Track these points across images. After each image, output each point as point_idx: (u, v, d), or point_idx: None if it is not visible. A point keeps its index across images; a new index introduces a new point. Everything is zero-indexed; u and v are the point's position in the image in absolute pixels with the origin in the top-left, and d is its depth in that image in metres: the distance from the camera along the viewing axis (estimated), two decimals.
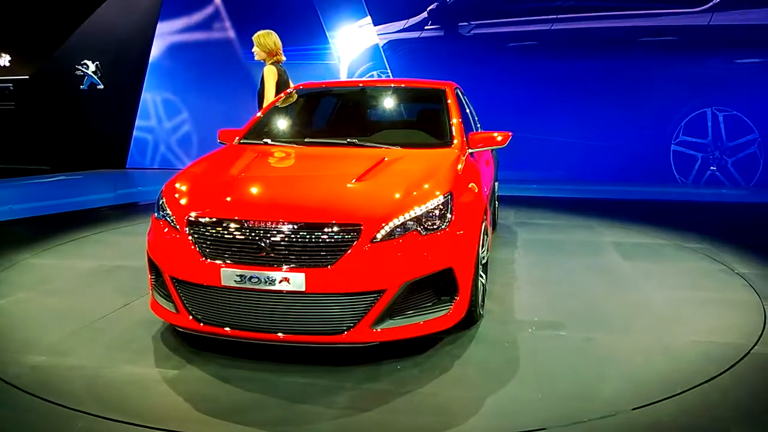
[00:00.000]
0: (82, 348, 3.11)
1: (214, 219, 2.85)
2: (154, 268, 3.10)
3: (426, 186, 3.03)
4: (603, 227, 6.08)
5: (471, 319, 3.21)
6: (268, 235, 2.75)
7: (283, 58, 5.19)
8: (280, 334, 2.77)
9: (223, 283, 2.77)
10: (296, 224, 2.74)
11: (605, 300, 3.87)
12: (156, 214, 3.17)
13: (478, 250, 3.16)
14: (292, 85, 5.21)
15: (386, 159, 3.36)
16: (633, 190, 8.67)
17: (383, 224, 2.77)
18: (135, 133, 11.37)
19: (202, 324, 2.88)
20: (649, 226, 6.08)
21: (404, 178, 3.17)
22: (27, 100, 11.50)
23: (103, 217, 6.83)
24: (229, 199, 3.01)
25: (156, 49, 11.15)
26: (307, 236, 2.73)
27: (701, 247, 5.20)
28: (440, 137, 3.81)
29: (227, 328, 2.83)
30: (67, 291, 4.04)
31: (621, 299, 3.88)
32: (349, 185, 3.05)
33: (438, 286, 2.90)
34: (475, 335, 3.24)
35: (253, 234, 2.77)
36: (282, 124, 4.24)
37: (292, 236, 2.73)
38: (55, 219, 6.63)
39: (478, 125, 5.16)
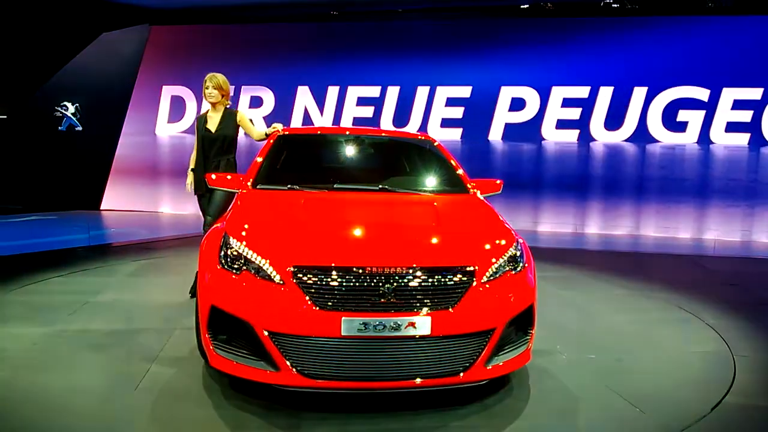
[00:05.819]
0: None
1: (331, 267, 2.74)
2: (233, 325, 2.81)
3: (499, 230, 3.27)
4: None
5: None
6: (391, 280, 2.73)
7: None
8: (404, 381, 2.74)
9: (343, 333, 2.66)
10: (419, 268, 2.78)
11: (590, 326, 4.41)
12: (225, 266, 2.90)
13: None
14: None
15: (436, 204, 3.51)
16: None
17: (490, 265, 2.94)
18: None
19: (312, 379, 2.70)
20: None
21: (475, 222, 3.38)
22: (3, 139, 11.34)
23: (71, 257, 6.38)
24: (338, 246, 2.91)
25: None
26: (430, 280, 2.78)
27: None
28: (453, 184, 4.05)
29: (346, 381, 2.70)
30: (44, 366, 3.35)
31: (597, 326, 4.47)
32: (441, 230, 3.15)
33: (522, 322, 3.11)
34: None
35: (375, 280, 2.73)
36: (295, 169, 4.11)
37: (415, 280, 2.76)
38: (18, 260, 6.16)
39: None
